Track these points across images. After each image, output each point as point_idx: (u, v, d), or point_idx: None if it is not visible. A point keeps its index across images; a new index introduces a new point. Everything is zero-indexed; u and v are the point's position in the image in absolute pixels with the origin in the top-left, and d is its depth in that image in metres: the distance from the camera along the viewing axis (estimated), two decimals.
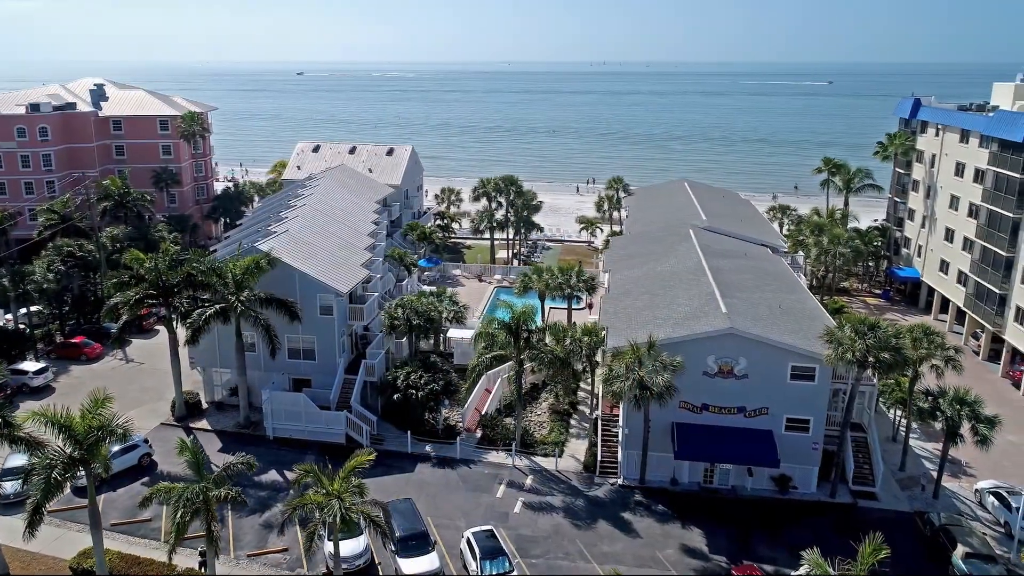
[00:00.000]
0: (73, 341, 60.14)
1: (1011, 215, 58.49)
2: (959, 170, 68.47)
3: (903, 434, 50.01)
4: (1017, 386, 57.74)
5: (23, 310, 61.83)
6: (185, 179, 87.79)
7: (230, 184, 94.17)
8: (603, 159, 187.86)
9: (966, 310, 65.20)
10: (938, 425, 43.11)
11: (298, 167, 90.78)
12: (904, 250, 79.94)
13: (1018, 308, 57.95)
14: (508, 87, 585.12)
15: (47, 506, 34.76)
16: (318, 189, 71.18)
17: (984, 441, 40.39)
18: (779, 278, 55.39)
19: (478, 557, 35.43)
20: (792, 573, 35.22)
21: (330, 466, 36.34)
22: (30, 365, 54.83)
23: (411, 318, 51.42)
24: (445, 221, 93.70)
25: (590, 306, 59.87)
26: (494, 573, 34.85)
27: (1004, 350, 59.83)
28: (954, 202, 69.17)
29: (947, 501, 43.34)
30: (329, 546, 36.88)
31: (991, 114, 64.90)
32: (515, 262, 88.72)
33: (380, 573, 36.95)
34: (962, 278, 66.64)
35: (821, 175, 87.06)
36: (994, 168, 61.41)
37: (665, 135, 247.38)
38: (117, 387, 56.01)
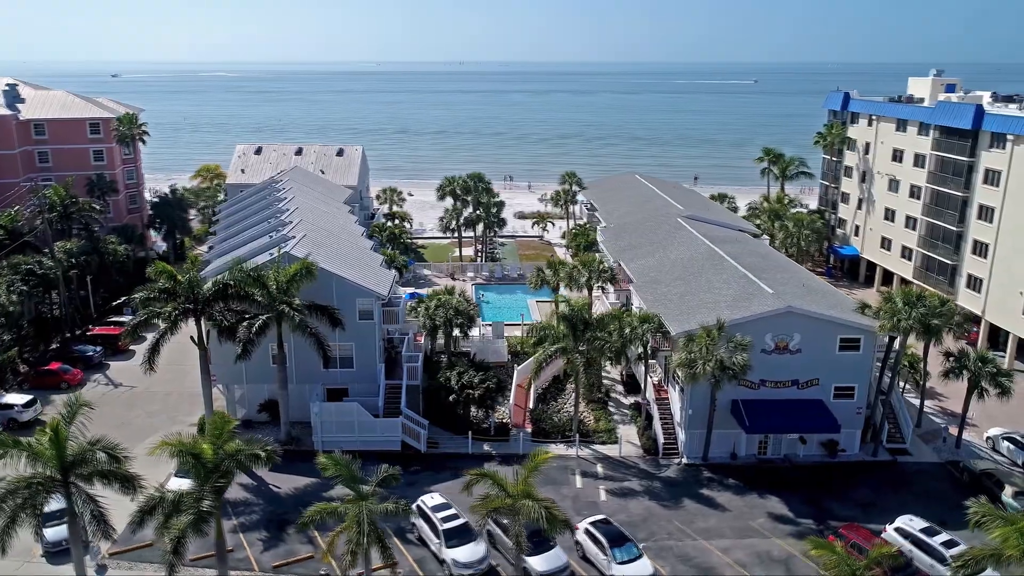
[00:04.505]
0: (50, 368, 53.81)
1: (959, 194, 65.53)
2: (897, 156, 75.68)
3: (904, 394, 55.12)
4: (973, 346, 64.71)
5: None
6: (119, 187, 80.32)
7: (167, 191, 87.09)
8: (509, 160, 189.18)
9: (915, 281, 72.17)
10: (963, 382, 47.63)
11: (242, 170, 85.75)
12: (839, 231, 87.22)
13: (969, 276, 65.11)
14: (383, 87, 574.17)
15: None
16: (292, 192, 67.74)
17: (1005, 392, 45.38)
18: (777, 260, 59.07)
19: (607, 546, 35.62)
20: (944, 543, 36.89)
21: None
22: (17, 398, 48.72)
23: (452, 318, 50.49)
24: (397, 221, 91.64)
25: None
26: (627, 559, 35.21)
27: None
28: (893, 185, 76.35)
29: (967, 449, 48.26)
30: (450, 554, 35.98)
31: (932, 104, 72.19)
32: (480, 259, 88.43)
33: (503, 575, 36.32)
34: (907, 253, 73.76)
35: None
36: (938, 153, 68.46)
37: (556, 134, 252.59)
38: (118, 414, 51.25)
